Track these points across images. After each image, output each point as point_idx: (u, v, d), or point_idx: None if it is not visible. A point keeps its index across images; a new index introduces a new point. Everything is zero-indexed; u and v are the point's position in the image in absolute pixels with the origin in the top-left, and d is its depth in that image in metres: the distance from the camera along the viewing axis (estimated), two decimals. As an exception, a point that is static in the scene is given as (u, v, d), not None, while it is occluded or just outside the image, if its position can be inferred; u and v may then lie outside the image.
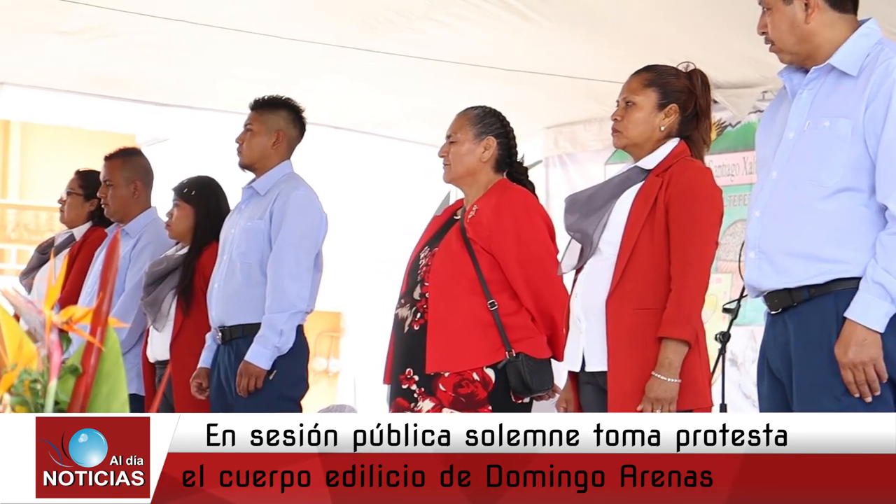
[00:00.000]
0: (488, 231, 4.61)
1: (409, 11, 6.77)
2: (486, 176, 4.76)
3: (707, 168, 4.29)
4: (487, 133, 4.76)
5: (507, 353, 4.54)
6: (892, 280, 3.31)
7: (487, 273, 4.59)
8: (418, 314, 4.62)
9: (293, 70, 7.42)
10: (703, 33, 6.67)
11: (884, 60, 3.45)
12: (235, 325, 5.37)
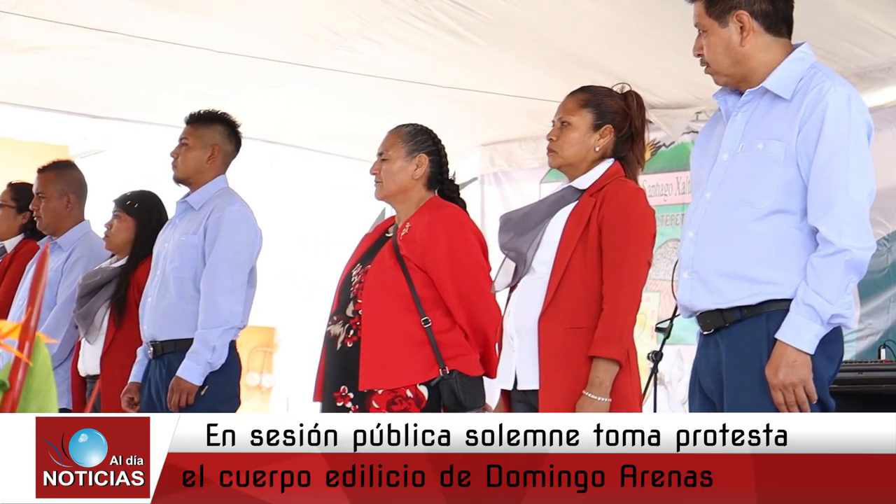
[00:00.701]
0: (422, 248, 4.61)
1: (345, 29, 6.77)
2: (418, 193, 4.77)
3: (640, 189, 4.32)
4: (419, 150, 4.77)
5: (440, 371, 4.54)
6: (822, 302, 3.34)
7: (421, 290, 4.59)
8: (351, 331, 4.61)
9: (229, 84, 7.40)
10: (639, 54, 6.72)
11: (817, 84, 3.49)
12: (167, 340, 5.33)
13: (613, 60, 6.73)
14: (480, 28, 6.66)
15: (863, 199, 3.41)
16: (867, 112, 3.50)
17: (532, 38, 6.76)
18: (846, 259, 3.36)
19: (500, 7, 6.43)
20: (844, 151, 3.41)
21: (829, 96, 3.44)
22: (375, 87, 7.44)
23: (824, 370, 3.40)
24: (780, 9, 3.60)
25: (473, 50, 6.87)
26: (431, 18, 6.59)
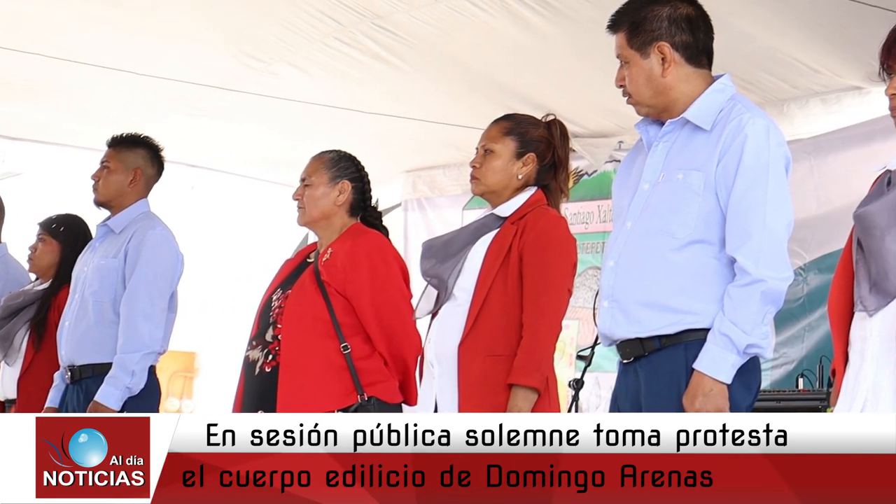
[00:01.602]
0: (343, 274, 4.60)
1: (269, 54, 6.76)
2: (341, 219, 4.76)
3: (562, 217, 4.33)
4: (342, 177, 4.76)
5: (358, 397, 4.52)
6: (739, 332, 3.36)
7: (341, 316, 4.57)
8: (270, 356, 4.58)
9: (152, 108, 7.36)
10: (563, 83, 6.77)
11: (736, 116, 3.51)
12: (85, 365, 5.28)
13: (537, 89, 6.77)
14: (405, 54, 6.68)
15: (780, 229, 3.44)
16: (785, 144, 3.54)
17: (457, 65, 6.78)
18: (762, 289, 3.38)
19: (426, 33, 6.45)
20: (762, 183, 3.43)
21: (748, 128, 3.47)
22: (299, 112, 7.43)
23: (741, 399, 3.42)
24: (701, 40, 3.63)
25: (398, 76, 6.88)
26: (356, 43, 6.60)
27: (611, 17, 3.66)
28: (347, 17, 6.37)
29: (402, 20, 6.36)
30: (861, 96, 6.51)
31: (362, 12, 6.33)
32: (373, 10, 6.30)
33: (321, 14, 6.36)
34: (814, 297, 6.58)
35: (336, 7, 6.29)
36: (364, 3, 6.24)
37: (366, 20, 6.39)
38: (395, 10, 6.28)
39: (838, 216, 6.10)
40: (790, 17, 5.92)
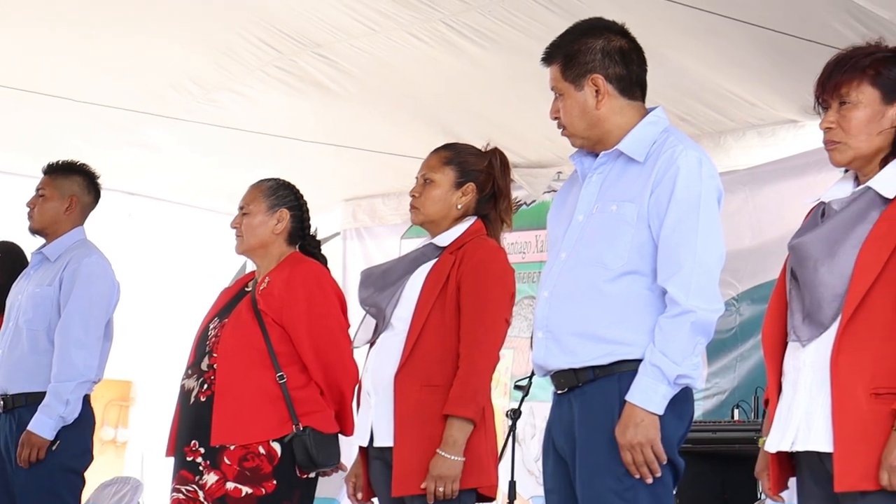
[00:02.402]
0: (279, 303, 4.59)
1: (209, 81, 6.75)
2: (279, 248, 4.75)
3: (500, 247, 4.34)
4: (281, 205, 4.75)
5: (294, 427, 4.51)
6: (669, 363, 3.38)
7: (277, 345, 4.56)
8: (205, 385, 4.56)
9: (89, 135, 7.32)
10: (501, 112, 6.79)
11: (669, 148, 3.54)
12: (18, 394, 5.23)
13: (477, 118, 6.79)
14: (345, 82, 6.68)
15: (711, 261, 3.46)
16: (718, 176, 3.56)
17: (397, 94, 6.80)
18: (692, 320, 3.39)
19: (366, 62, 6.46)
20: (694, 214, 3.46)
21: (680, 160, 3.49)
22: (238, 140, 7.42)
23: (674, 430, 3.43)
24: (634, 72, 3.65)
25: (338, 104, 6.89)
26: (297, 71, 6.60)
27: (545, 50, 3.68)
28: (287, 45, 6.37)
29: (341, 49, 6.37)
30: (797, 129, 6.58)
31: (302, 41, 6.33)
32: (312, 39, 6.30)
33: (260, 42, 6.36)
34: (746, 328, 6.63)
35: (275, 35, 6.29)
36: (303, 31, 6.24)
37: (305, 49, 6.40)
38: (334, 40, 6.29)
39: (772, 247, 6.15)
40: (727, 51, 5.98)
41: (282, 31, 6.25)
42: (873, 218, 3.21)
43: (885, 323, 3.14)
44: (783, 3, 5.44)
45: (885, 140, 3.26)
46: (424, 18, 5.97)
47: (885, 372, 3.12)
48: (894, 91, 3.25)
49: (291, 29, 6.24)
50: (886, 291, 3.14)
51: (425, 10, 5.89)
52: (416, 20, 6.00)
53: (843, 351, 3.14)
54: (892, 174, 3.24)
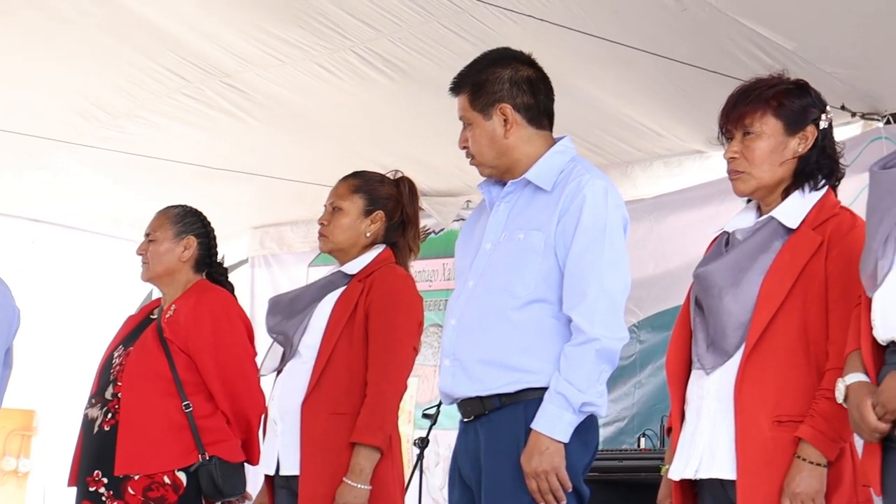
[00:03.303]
0: (186, 331, 4.55)
1: (115, 108, 6.70)
2: (186, 275, 4.72)
3: (409, 276, 4.34)
4: (188, 232, 4.72)
5: (199, 457, 4.47)
6: (574, 391, 3.39)
7: (183, 374, 4.52)
8: (109, 414, 4.51)
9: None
10: (411, 141, 6.80)
11: (576, 177, 3.56)
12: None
13: (386, 147, 6.80)
14: (253, 110, 6.66)
15: (616, 290, 3.48)
16: (623, 206, 3.59)
17: (305, 123, 6.78)
18: (597, 348, 3.41)
19: (274, 91, 6.45)
20: (600, 244, 3.48)
21: (587, 189, 3.51)
22: (144, 166, 7.36)
23: (579, 458, 3.44)
24: (542, 102, 3.67)
25: (246, 131, 6.86)
26: (204, 98, 6.57)
27: (453, 80, 3.70)
28: (194, 73, 6.34)
29: (249, 79, 6.36)
30: (702, 159, 6.65)
31: (209, 70, 6.30)
32: (220, 68, 6.28)
33: (167, 70, 6.32)
34: (646, 355, 6.66)
35: (182, 64, 6.26)
36: (211, 60, 6.22)
37: (213, 77, 6.37)
38: (242, 70, 6.27)
39: (675, 275, 6.20)
40: (635, 82, 6.04)
41: (188, 59, 6.22)
42: (776, 248, 3.25)
43: (788, 351, 3.18)
44: (691, 34, 5.50)
45: (787, 170, 3.31)
46: (334, 47, 5.97)
47: (787, 400, 3.16)
48: (796, 122, 3.30)
49: (199, 58, 6.21)
50: (789, 320, 3.18)
51: (335, 38, 5.89)
52: (326, 50, 5.99)
53: (746, 379, 3.17)
54: (795, 205, 3.29)
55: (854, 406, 2.91)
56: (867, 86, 5.80)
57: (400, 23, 5.71)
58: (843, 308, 3.12)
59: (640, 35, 5.58)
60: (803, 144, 3.30)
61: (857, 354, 2.97)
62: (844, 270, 3.15)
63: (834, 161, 3.34)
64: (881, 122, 6.02)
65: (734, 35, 5.44)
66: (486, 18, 5.56)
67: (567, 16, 5.44)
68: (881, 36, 5.27)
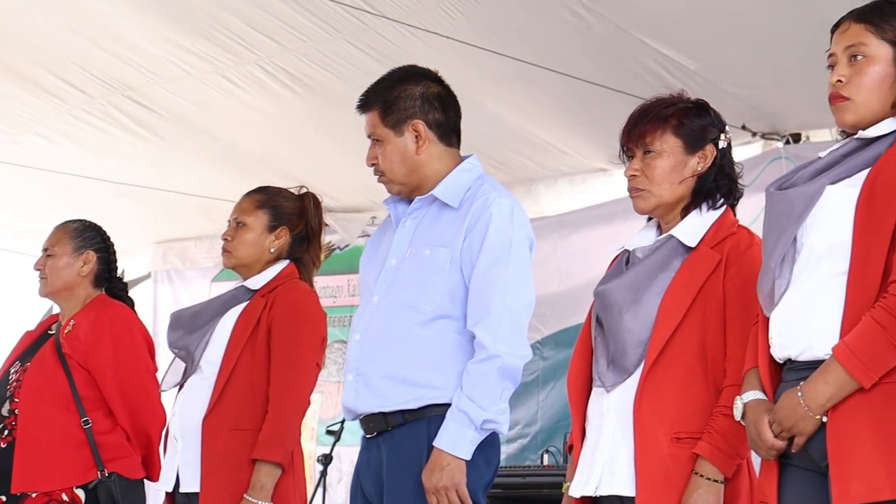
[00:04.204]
0: (85, 347, 4.50)
1: (14, 124, 6.62)
2: (85, 290, 4.67)
3: (312, 291, 4.33)
4: (87, 247, 4.68)
5: (98, 473, 4.42)
6: (476, 408, 3.39)
7: (83, 390, 4.47)
8: (6, 431, 4.45)
9: None
10: (317, 157, 6.79)
11: (483, 195, 3.57)
12: None
13: (291, 162, 6.78)
14: (157, 125, 6.61)
15: (520, 308, 3.50)
16: (529, 225, 3.61)
17: (210, 137, 6.75)
18: (499, 365, 3.42)
19: (178, 105, 6.41)
20: (505, 261, 3.49)
21: (493, 207, 3.53)
22: (44, 181, 7.28)
23: (480, 475, 3.45)
24: (452, 119, 3.69)
25: (148, 146, 6.81)
26: (105, 115, 6.52)
27: (361, 97, 3.69)
28: (97, 88, 6.28)
29: (153, 92, 6.31)
30: (606, 177, 6.71)
31: (112, 83, 6.25)
32: (123, 81, 6.23)
33: (68, 86, 6.26)
34: (549, 372, 6.70)
35: (85, 78, 6.20)
36: (114, 74, 6.16)
37: (116, 91, 6.31)
38: (146, 83, 6.22)
39: (578, 293, 6.24)
40: (540, 100, 6.08)
41: (91, 73, 6.16)
42: (675, 266, 3.28)
43: (687, 368, 3.21)
44: (595, 53, 5.55)
45: (686, 189, 3.34)
46: (240, 60, 5.94)
47: (685, 417, 3.19)
48: (696, 141, 3.34)
49: (103, 71, 6.15)
50: (688, 338, 3.21)
51: (241, 51, 5.87)
52: (232, 62, 5.97)
53: (645, 396, 3.20)
54: (694, 223, 3.32)
55: (751, 423, 2.94)
56: (768, 106, 5.88)
57: (306, 39, 5.70)
58: (741, 325, 3.16)
59: (545, 53, 5.62)
60: (702, 163, 3.34)
61: (754, 372, 3.00)
62: (742, 288, 3.18)
63: (732, 180, 3.38)
64: (781, 143, 6.12)
65: (638, 54, 5.50)
66: (392, 35, 5.57)
67: (473, 34, 5.47)
68: (782, 57, 5.36)
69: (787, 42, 5.21)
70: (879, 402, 2.78)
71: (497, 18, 5.41)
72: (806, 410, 2.82)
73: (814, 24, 3.44)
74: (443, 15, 5.37)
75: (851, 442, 2.78)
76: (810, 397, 2.82)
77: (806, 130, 6.11)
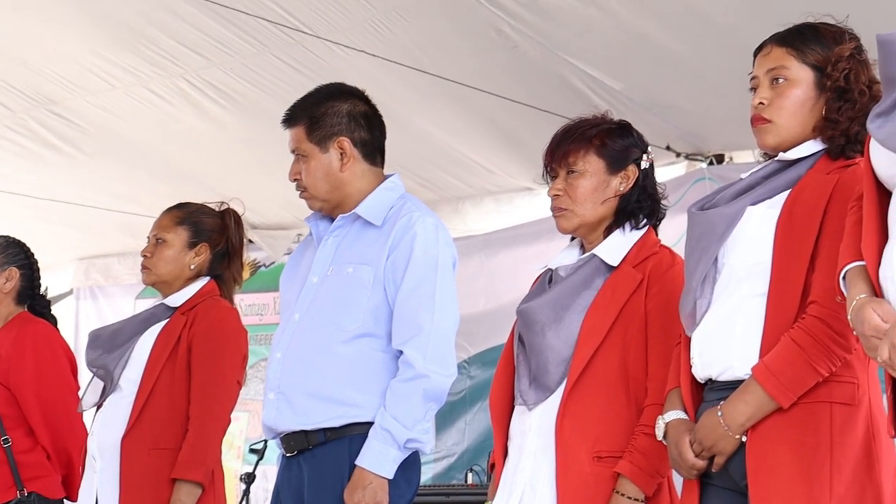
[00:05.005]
0: (6, 365, 4.46)
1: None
2: (7, 308, 4.63)
3: (233, 308, 4.30)
4: (10, 264, 4.64)
5: (18, 493, 4.37)
6: (399, 427, 3.38)
7: (3, 408, 4.44)
8: (-79, 451, 4.39)
9: None
10: (242, 172, 6.76)
11: (406, 213, 3.57)
12: None
13: (216, 178, 6.74)
14: (80, 140, 6.55)
15: (447, 326, 3.49)
16: (453, 244, 3.61)
17: (134, 152, 6.69)
18: (425, 385, 3.41)
19: (101, 119, 6.35)
20: (431, 279, 3.49)
21: (417, 226, 3.52)
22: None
23: (401, 494, 3.43)
24: (377, 138, 3.69)
25: (72, 162, 6.75)
26: (27, 129, 6.45)
27: (287, 112, 3.68)
28: (19, 102, 6.21)
29: (76, 106, 6.25)
30: (532, 196, 6.73)
31: (35, 97, 6.18)
32: (46, 95, 6.16)
33: (-10, 100, 6.20)
34: (476, 391, 6.70)
35: (6, 91, 6.13)
36: (37, 87, 6.10)
37: (39, 106, 6.24)
38: (69, 96, 6.16)
39: (505, 312, 6.21)
40: (467, 119, 6.09)
41: (13, 86, 6.09)
42: (598, 285, 3.29)
43: (608, 387, 3.22)
44: (522, 73, 5.57)
45: (609, 209, 3.36)
46: (165, 74, 5.90)
47: (607, 436, 3.20)
48: (618, 161, 3.36)
49: (24, 85, 6.08)
50: (610, 356, 3.23)
51: (167, 65, 5.83)
52: (157, 75, 5.92)
53: (567, 415, 3.20)
54: (616, 243, 3.34)
55: (673, 443, 2.96)
56: (692, 127, 5.93)
57: (232, 53, 5.68)
58: (663, 345, 3.18)
59: (473, 72, 5.63)
60: (625, 183, 3.36)
61: (676, 392, 3.02)
62: (663, 308, 3.21)
63: (655, 200, 3.40)
64: (705, 163, 6.17)
65: (565, 74, 5.52)
66: (320, 51, 5.56)
67: (401, 52, 5.47)
68: (705, 80, 5.40)
69: (711, 64, 5.25)
70: (798, 422, 2.81)
71: (425, 37, 5.42)
72: (726, 430, 2.85)
73: (738, 47, 3.47)
74: (372, 32, 5.37)
75: (770, 461, 2.80)
76: (730, 417, 2.84)
77: (729, 151, 6.17)
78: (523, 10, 5.11)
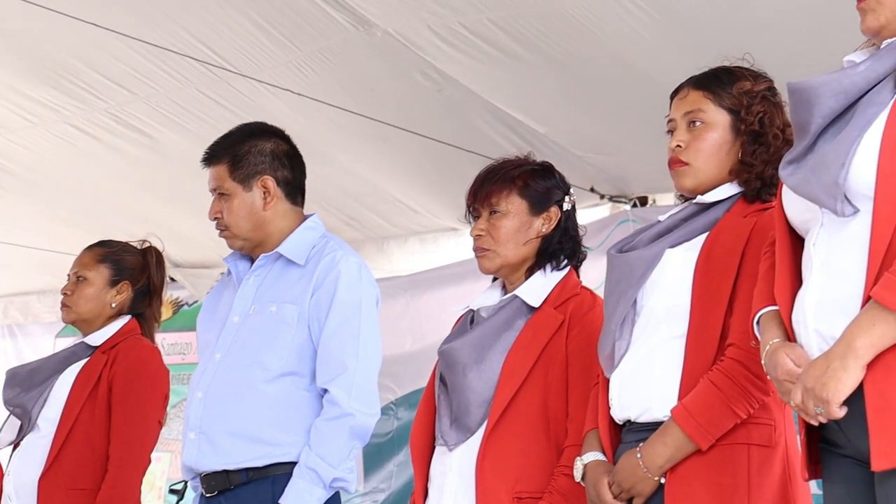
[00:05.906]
0: (-79, 403, 4.38)
1: None
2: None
3: (154, 347, 4.27)
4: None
5: (-79, 537, 4.29)
6: (325, 466, 3.36)
7: (-82, 447, 4.34)
8: None
9: None
10: (165, 210, 6.71)
11: (330, 252, 3.57)
12: None
13: (139, 215, 6.68)
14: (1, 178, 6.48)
15: (371, 366, 3.48)
16: (375, 284, 3.61)
17: (56, 190, 6.63)
18: (351, 424, 3.40)
19: (21, 156, 6.28)
20: (355, 319, 3.48)
21: (341, 265, 3.52)
22: None
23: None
24: (298, 178, 3.70)
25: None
26: (-53, 165, 6.37)
27: (207, 151, 3.67)
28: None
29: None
30: (457, 237, 6.73)
31: (-47, 136, 6.11)
32: (-35, 135, 6.09)
33: None
34: (403, 433, 6.66)
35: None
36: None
37: (-43, 143, 6.17)
38: (-12, 134, 6.10)
39: (431, 352, 6.19)
40: (392, 158, 6.08)
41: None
42: (519, 326, 3.30)
43: (529, 428, 3.22)
44: (447, 114, 5.58)
45: (531, 249, 3.37)
46: (88, 108, 5.85)
47: (527, 476, 3.20)
48: (541, 203, 3.38)
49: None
50: (530, 397, 3.23)
51: (90, 99, 5.77)
52: (79, 110, 5.87)
53: (487, 455, 3.20)
54: (538, 284, 3.35)
55: (591, 485, 2.97)
56: (615, 170, 5.96)
57: (157, 87, 5.64)
58: (583, 386, 3.19)
59: (398, 113, 5.63)
60: (547, 224, 3.38)
61: (594, 433, 3.03)
62: (584, 349, 3.22)
63: (576, 242, 3.42)
64: (628, 205, 6.20)
65: (488, 117, 5.54)
66: (244, 88, 5.54)
67: (325, 91, 5.46)
68: (629, 123, 5.44)
69: (634, 109, 5.29)
70: (716, 464, 2.82)
71: (349, 77, 5.41)
72: (645, 472, 2.86)
73: (661, 87, 3.49)
74: (295, 72, 5.36)
75: (689, 503, 2.81)
76: (649, 459, 2.85)
77: (653, 194, 6.20)
78: (448, 54, 5.13)
